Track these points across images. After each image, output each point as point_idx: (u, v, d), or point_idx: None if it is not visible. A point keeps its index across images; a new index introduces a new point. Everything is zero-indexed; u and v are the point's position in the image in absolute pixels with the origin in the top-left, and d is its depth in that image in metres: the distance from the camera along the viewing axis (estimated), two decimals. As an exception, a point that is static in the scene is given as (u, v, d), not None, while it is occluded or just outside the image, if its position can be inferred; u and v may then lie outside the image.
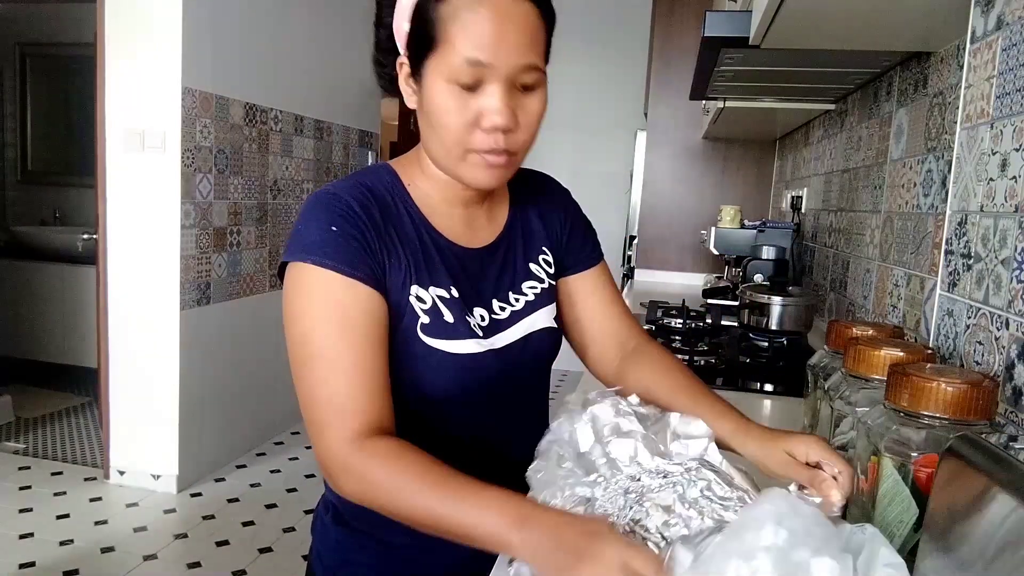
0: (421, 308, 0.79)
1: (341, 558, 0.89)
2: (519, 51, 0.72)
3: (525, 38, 0.73)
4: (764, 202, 3.45)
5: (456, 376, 0.80)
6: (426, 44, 0.74)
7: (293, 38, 3.56)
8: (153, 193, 2.89)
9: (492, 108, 0.73)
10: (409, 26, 0.76)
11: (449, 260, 0.83)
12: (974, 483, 0.54)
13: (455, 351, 0.80)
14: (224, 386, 3.24)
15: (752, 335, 1.72)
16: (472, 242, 0.87)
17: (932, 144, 1.38)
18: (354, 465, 0.71)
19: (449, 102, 0.73)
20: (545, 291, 0.92)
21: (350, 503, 0.88)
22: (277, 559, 2.55)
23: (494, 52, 0.71)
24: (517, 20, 0.72)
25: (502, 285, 0.88)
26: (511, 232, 0.91)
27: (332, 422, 0.72)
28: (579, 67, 5.04)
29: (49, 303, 4.29)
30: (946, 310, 1.03)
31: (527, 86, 0.75)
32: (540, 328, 0.89)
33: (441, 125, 0.75)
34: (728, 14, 1.53)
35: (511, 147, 0.76)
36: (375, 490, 0.71)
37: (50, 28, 4.65)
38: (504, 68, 0.72)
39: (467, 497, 0.66)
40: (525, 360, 0.88)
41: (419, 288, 0.79)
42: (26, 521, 2.71)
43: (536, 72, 0.75)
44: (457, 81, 0.72)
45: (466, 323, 0.81)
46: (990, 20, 0.96)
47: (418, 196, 0.84)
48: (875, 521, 0.71)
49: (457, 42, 0.71)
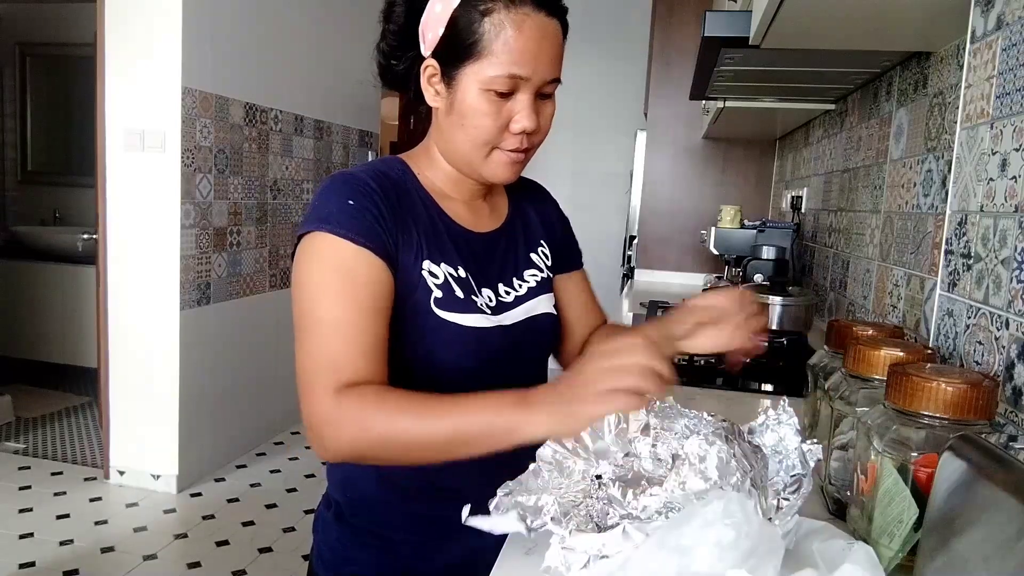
0: (434, 283, 0.83)
1: (342, 555, 0.90)
2: (551, 67, 0.81)
3: (555, 53, 0.82)
4: (764, 202, 3.45)
5: (468, 348, 0.83)
6: (465, 53, 0.79)
7: (293, 38, 3.56)
8: (153, 193, 2.89)
9: (523, 114, 0.81)
10: (443, 33, 0.81)
11: (458, 242, 0.87)
12: (974, 483, 0.54)
13: (467, 324, 0.83)
14: (224, 386, 3.24)
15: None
16: (478, 227, 0.92)
17: (932, 144, 1.38)
18: (344, 412, 0.72)
19: (485, 106, 0.80)
20: (545, 280, 0.96)
21: (352, 499, 0.90)
22: (277, 559, 2.55)
23: (533, 68, 0.79)
24: (550, 38, 0.80)
25: (506, 270, 0.92)
26: (513, 223, 0.97)
27: (320, 380, 0.74)
28: (579, 67, 5.02)
29: (49, 303, 4.29)
30: (946, 310, 1.03)
31: (546, 95, 0.84)
32: (542, 312, 0.94)
33: (474, 126, 0.81)
34: (728, 14, 1.53)
35: (532, 146, 0.85)
36: (370, 429, 0.71)
37: (50, 28, 4.65)
38: (537, 81, 0.80)
39: (462, 402, 0.70)
40: (531, 340, 0.92)
41: (431, 264, 0.83)
42: (26, 521, 2.71)
43: (556, 83, 0.84)
44: (494, 89, 0.79)
45: (474, 301, 0.85)
46: (990, 20, 0.96)
47: (429, 185, 0.89)
48: (875, 521, 0.71)
49: (499, 56, 0.78)
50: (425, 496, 0.87)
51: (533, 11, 0.78)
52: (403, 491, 0.87)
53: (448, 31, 0.80)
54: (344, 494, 0.91)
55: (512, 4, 0.77)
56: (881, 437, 0.71)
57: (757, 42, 1.42)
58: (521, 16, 0.77)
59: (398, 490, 0.87)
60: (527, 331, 0.90)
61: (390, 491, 0.88)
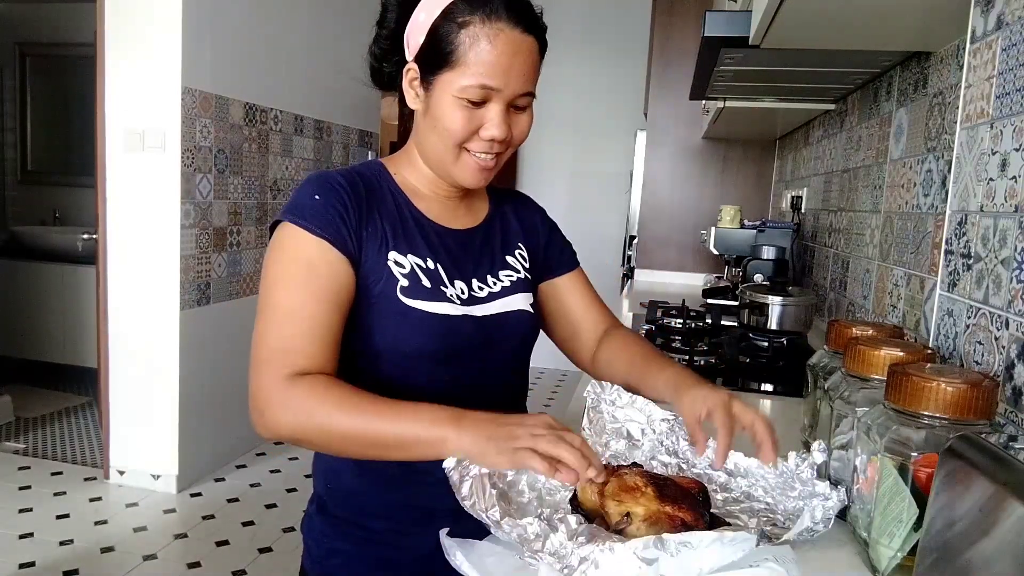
0: (400, 272, 0.87)
1: (327, 548, 0.93)
2: (522, 80, 0.84)
3: (529, 68, 0.84)
4: (764, 202, 3.45)
5: (434, 334, 0.87)
6: (441, 61, 0.83)
7: (293, 38, 3.56)
8: (153, 193, 2.89)
9: (493, 123, 0.84)
10: (424, 40, 0.85)
11: (429, 235, 0.91)
12: (974, 483, 0.54)
13: (433, 311, 0.87)
14: (224, 386, 3.24)
15: (752, 335, 1.72)
16: (452, 224, 0.95)
17: (932, 144, 1.38)
18: (291, 397, 0.76)
19: (457, 112, 0.84)
20: (521, 280, 0.98)
21: (333, 490, 0.94)
22: (277, 559, 2.55)
23: (504, 80, 0.82)
24: (524, 53, 0.83)
25: (480, 268, 0.95)
26: (490, 224, 1.00)
27: (273, 361, 0.79)
28: (579, 67, 5.04)
29: (49, 303, 4.29)
30: (946, 310, 1.03)
31: (520, 107, 0.87)
32: (518, 308, 0.96)
33: (445, 129, 0.85)
34: (728, 14, 1.53)
35: (502, 151, 0.88)
36: (312, 417, 0.76)
37: (50, 28, 4.64)
38: (508, 93, 0.84)
39: (402, 409, 0.75)
40: (505, 335, 0.94)
41: (397, 254, 0.87)
42: (26, 521, 2.70)
43: (530, 97, 0.87)
44: (466, 98, 0.83)
45: (442, 291, 0.88)
46: (990, 20, 0.96)
47: (403, 183, 0.94)
48: (875, 521, 0.71)
49: (472, 67, 0.82)
50: (402, 482, 0.89)
51: (509, 27, 0.82)
52: (381, 478, 0.90)
53: (428, 39, 0.84)
54: (326, 485, 0.94)
55: (488, 19, 0.81)
56: (881, 437, 0.71)
57: (757, 42, 1.42)
58: (496, 30, 0.81)
59: (376, 478, 0.90)
60: (500, 325, 0.93)
61: (369, 480, 0.90)
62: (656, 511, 0.66)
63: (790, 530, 0.71)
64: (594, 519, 0.69)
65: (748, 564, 0.61)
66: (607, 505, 0.68)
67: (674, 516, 0.65)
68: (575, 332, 1.07)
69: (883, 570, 0.70)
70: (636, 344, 1.02)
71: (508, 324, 0.94)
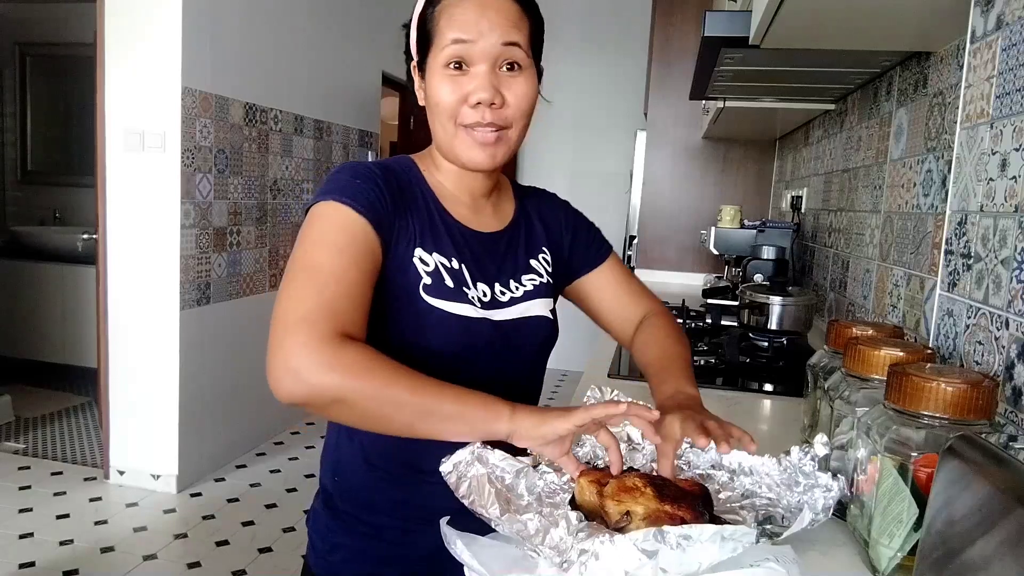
0: (424, 270, 0.86)
1: (331, 543, 0.93)
2: (499, 30, 0.82)
3: (504, 21, 0.83)
4: (764, 202, 3.45)
5: (453, 335, 0.85)
6: (426, 44, 0.86)
7: (293, 38, 3.56)
8: (153, 193, 2.89)
9: (477, 84, 0.83)
10: (416, 33, 0.88)
11: (455, 236, 0.90)
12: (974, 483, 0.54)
13: (454, 311, 0.86)
14: (224, 386, 3.24)
15: (752, 335, 1.72)
16: (479, 227, 0.94)
17: (932, 144, 1.38)
18: (339, 357, 0.70)
19: (443, 84, 0.84)
20: (543, 285, 0.97)
21: (340, 484, 0.93)
22: (277, 559, 2.55)
23: (476, 31, 0.82)
24: (497, 7, 0.83)
25: (504, 272, 0.94)
26: (516, 227, 0.99)
27: (317, 321, 0.72)
28: (579, 67, 5.03)
29: (49, 303, 4.29)
30: (946, 310, 1.03)
31: (511, 65, 0.84)
32: (536, 314, 0.95)
33: (436, 104, 0.85)
34: (728, 14, 1.53)
35: (498, 121, 0.85)
36: (364, 379, 0.70)
37: (50, 28, 4.64)
38: (485, 45, 0.82)
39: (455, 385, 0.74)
40: (524, 339, 0.93)
41: (423, 251, 0.86)
42: (26, 521, 2.70)
43: (517, 49, 0.84)
44: (448, 63, 0.83)
45: (464, 293, 0.87)
46: (990, 20, 0.96)
47: (432, 183, 0.93)
48: (875, 521, 0.71)
49: (445, 31, 0.83)
50: (409, 481, 0.89)
51: None
52: (389, 476, 0.90)
53: (418, 31, 0.88)
54: (333, 479, 0.94)
55: None
56: (881, 437, 0.71)
57: (757, 42, 1.42)
58: None
59: (384, 475, 0.90)
60: (520, 329, 0.92)
61: (376, 476, 0.90)
62: (656, 510, 0.66)
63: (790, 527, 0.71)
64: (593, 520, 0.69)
65: (748, 564, 0.60)
66: (606, 505, 0.68)
67: (674, 515, 0.65)
68: (610, 325, 1.09)
69: (883, 570, 0.70)
70: (657, 345, 1.00)
71: (527, 329, 0.93)
